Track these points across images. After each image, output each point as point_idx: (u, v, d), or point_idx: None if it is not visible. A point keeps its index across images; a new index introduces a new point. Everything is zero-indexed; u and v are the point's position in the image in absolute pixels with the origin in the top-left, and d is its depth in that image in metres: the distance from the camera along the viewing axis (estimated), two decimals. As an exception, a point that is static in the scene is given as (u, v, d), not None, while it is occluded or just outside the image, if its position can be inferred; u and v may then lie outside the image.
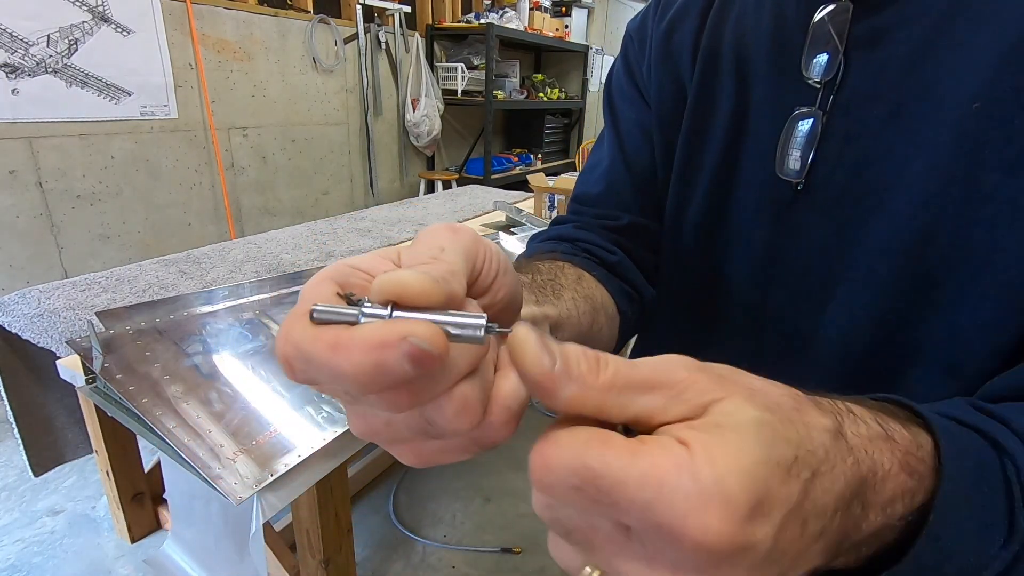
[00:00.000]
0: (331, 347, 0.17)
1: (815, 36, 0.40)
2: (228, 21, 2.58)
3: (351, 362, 0.16)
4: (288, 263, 1.58)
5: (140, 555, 1.47)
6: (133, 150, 2.33)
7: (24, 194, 2.06)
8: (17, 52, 1.94)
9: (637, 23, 0.54)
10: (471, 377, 0.19)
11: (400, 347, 0.16)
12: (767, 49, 0.43)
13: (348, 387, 0.17)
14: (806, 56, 0.40)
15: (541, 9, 4.60)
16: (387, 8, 3.38)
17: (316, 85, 3.09)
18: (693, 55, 0.48)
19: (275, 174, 2.99)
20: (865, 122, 0.39)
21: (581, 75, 5.27)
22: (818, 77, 0.40)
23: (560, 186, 2.24)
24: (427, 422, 0.19)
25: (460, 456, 0.21)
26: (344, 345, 0.16)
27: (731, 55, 0.45)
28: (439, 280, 0.18)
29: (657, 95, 0.51)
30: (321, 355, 0.17)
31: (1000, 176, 0.33)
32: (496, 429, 0.20)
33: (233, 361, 1.04)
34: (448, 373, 0.18)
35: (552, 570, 1.58)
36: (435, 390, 0.18)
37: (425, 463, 0.22)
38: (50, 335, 1.13)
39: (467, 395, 0.19)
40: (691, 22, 0.48)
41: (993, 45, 0.33)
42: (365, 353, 0.16)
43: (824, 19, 0.39)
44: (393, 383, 0.17)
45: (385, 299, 0.18)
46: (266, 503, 0.83)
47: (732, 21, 0.46)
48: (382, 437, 0.21)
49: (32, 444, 1.31)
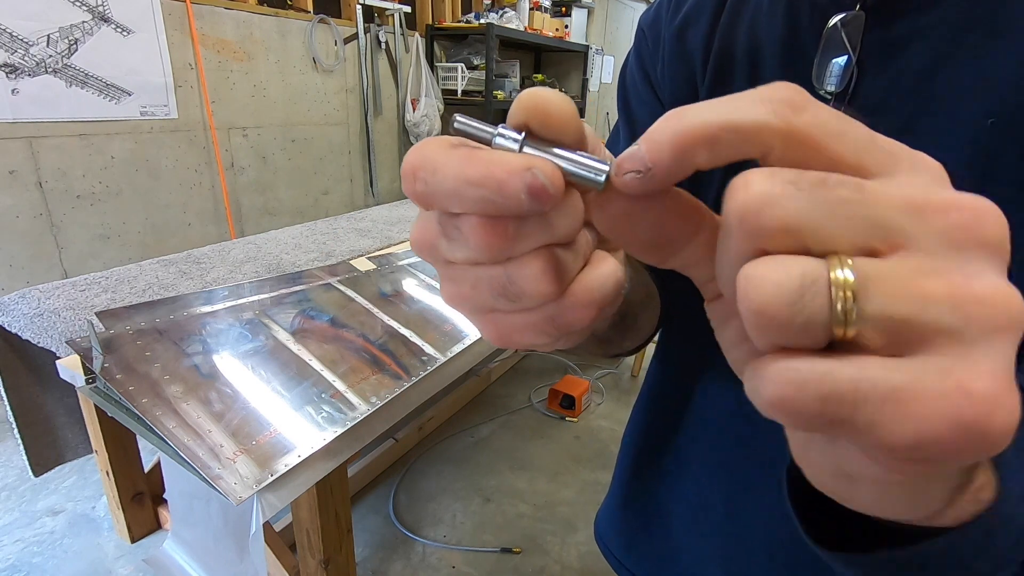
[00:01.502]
0: (464, 158, 0.17)
1: (828, 45, 0.39)
2: (228, 21, 2.58)
3: (478, 174, 0.17)
4: (288, 263, 1.58)
5: (140, 555, 1.47)
6: (133, 150, 2.33)
7: (24, 194, 2.06)
8: (17, 52, 1.94)
9: (650, 19, 0.52)
10: (562, 247, 0.19)
11: (523, 176, 0.16)
12: (780, 55, 0.42)
13: (461, 202, 0.17)
14: (818, 65, 0.39)
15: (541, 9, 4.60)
16: (387, 8, 3.38)
17: (316, 85, 3.09)
18: (705, 56, 0.47)
19: (275, 174, 2.98)
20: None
21: (581, 75, 5.27)
22: (831, 87, 0.39)
23: (560, 186, 2.24)
24: (509, 281, 0.19)
25: (539, 337, 0.20)
26: (474, 160, 0.17)
27: (744, 59, 0.44)
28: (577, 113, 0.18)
29: (671, 95, 0.50)
30: (451, 164, 0.17)
31: (1013, 193, 0.32)
32: (573, 309, 0.19)
33: (233, 361, 1.04)
34: (545, 229, 0.18)
35: (552, 570, 1.58)
36: (528, 243, 0.18)
37: (505, 339, 0.21)
38: (50, 335, 1.13)
39: (553, 259, 0.19)
40: (704, 21, 0.47)
41: (1010, 59, 0.32)
42: (492, 171, 0.17)
43: (837, 27, 0.38)
44: (505, 210, 0.17)
45: (525, 117, 0.18)
46: (266, 503, 0.83)
47: (746, 23, 0.45)
48: (468, 303, 0.20)
49: (32, 444, 1.31)
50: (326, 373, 1.07)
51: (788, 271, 0.14)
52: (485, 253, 0.18)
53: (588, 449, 2.09)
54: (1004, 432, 0.13)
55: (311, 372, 1.07)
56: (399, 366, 1.15)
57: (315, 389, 1.03)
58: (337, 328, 1.21)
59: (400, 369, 1.14)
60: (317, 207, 3.28)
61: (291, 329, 1.16)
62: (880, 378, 0.13)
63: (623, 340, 0.43)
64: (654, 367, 0.57)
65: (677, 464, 0.54)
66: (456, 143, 0.18)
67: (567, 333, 0.20)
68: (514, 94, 4.27)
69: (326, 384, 1.05)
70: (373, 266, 1.51)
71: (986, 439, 0.13)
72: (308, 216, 3.13)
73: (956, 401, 0.13)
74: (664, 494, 0.55)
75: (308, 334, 1.16)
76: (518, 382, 2.52)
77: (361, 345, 1.18)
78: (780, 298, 0.13)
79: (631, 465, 0.60)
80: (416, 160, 0.18)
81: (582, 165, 0.18)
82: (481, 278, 0.19)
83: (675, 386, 0.53)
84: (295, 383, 1.03)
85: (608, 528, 0.63)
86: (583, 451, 2.08)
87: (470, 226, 0.18)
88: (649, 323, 0.45)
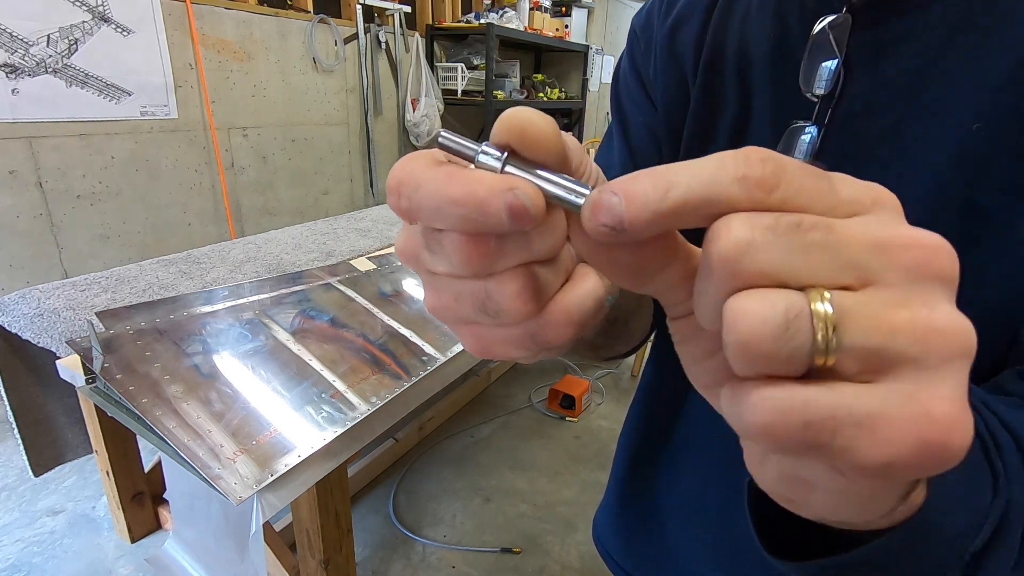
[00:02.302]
0: (447, 176, 0.17)
1: (815, 47, 0.39)
2: (228, 21, 2.58)
3: (460, 193, 0.17)
4: (288, 263, 1.58)
5: (140, 555, 1.47)
6: (133, 150, 2.33)
7: (24, 194, 2.06)
8: (17, 52, 1.94)
9: (642, 20, 0.52)
10: (543, 265, 0.19)
11: (504, 196, 0.17)
12: (769, 57, 0.42)
13: (442, 219, 0.18)
14: (804, 68, 0.39)
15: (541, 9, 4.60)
16: (387, 8, 3.38)
17: (316, 85, 3.09)
18: (696, 56, 0.47)
19: (275, 174, 2.99)
20: (863, 138, 0.38)
21: (581, 75, 5.27)
22: (817, 90, 0.39)
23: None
24: (488, 298, 0.19)
25: (518, 351, 0.21)
26: (457, 178, 0.17)
27: (735, 59, 0.44)
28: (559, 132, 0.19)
29: (663, 97, 0.50)
30: (434, 182, 0.17)
31: (998, 198, 0.32)
32: (552, 328, 0.20)
33: (233, 361, 1.04)
34: (525, 248, 0.18)
35: (552, 570, 1.58)
36: (508, 260, 0.18)
37: (485, 351, 0.21)
38: (50, 335, 1.13)
39: (531, 278, 0.19)
40: (696, 21, 0.47)
41: (1000, 61, 0.32)
42: (474, 190, 0.17)
43: (825, 30, 0.38)
44: (486, 228, 0.17)
45: (506, 138, 0.18)
46: (266, 503, 0.83)
47: (737, 23, 0.44)
48: (449, 314, 0.21)
49: (32, 444, 1.31)
50: (326, 373, 1.07)
51: (773, 305, 0.14)
52: (466, 268, 0.19)
53: (588, 449, 2.09)
54: (961, 449, 0.14)
55: (311, 372, 1.07)
56: (399, 366, 1.15)
57: (315, 389, 1.03)
58: (337, 328, 1.21)
59: (400, 369, 1.14)
60: (317, 207, 3.28)
61: (291, 329, 1.16)
62: (855, 405, 0.14)
63: (615, 344, 0.43)
64: (649, 369, 0.57)
65: (672, 465, 0.54)
66: (441, 159, 0.19)
67: (547, 348, 0.21)
68: (514, 94, 4.28)
69: (326, 384, 1.05)
70: (373, 266, 1.51)
71: (945, 456, 0.14)
72: (308, 216, 3.13)
73: (922, 424, 0.14)
74: (660, 495, 0.56)
75: (308, 334, 1.16)
76: (518, 382, 2.52)
77: (361, 345, 1.18)
78: (766, 330, 0.14)
79: (627, 466, 0.60)
80: (400, 176, 0.18)
81: (562, 188, 0.18)
82: (463, 291, 0.20)
83: (669, 388, 0.53)
84: (295, 383, 1.03)
85: (606, 530, 0.63)
86: (583, 451, 2.08)
87: (452, 242, 0.18)
88: (641, 328, 0.45)
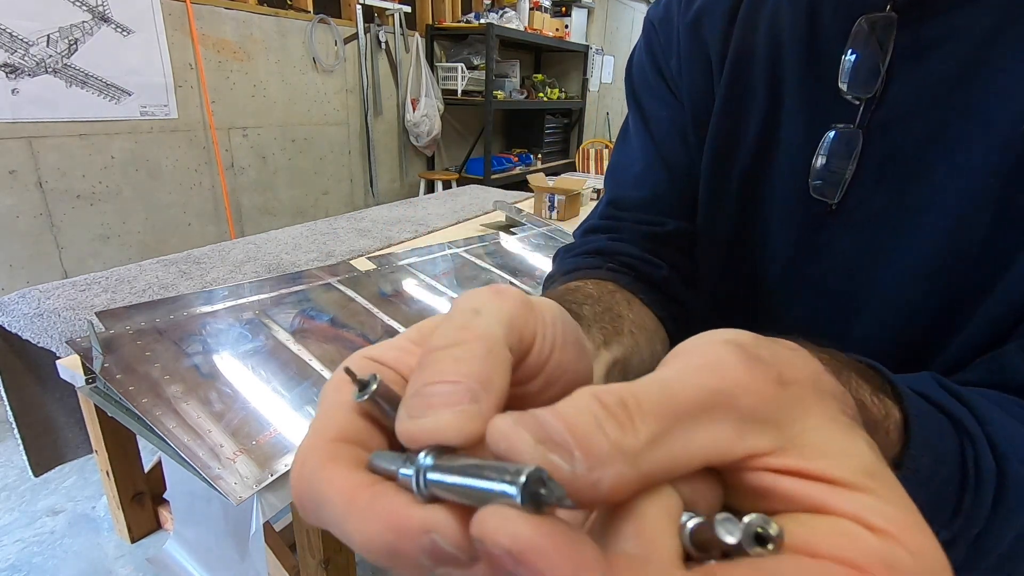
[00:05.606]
0: (347, 503, 0.14)
1: (855, 47, 0.37)
2: (228, 21, 2.58)
3: (363, 533, 0.14)
4: (288, 263, 1.58)
5: (140, 555, 1.47)
6: (133, 150, 2.33)
7: (24, 194, 2.06)
8: (17, 52, 1.94)
9: (661, 13, 0.50)
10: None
11: (420, 540, 0.13)
12: (802, 56, 0.40)
13: (363, 553, 0.15)
14: (844, 69, 0.37)
15: (541, 9, 4.60)
16: (387, 8, 3.38)
17: (316, 85, 3.09)
18: (723, 51, 0.45)
19: (275, 174, 2.99)
20: (905, 142, 0.36)
21: (581, 75, 5.27)
22: (858, 93, 0.37)
23: (560, 186, 2.24)
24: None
25: None
26: (361, 510, 0.14)
27: (764, 57, 0.42)
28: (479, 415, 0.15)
29: (689, 92, 0.48)
30: (335, 509, 0.14)
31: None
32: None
33: (233, 361, 1.04)
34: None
35: (552, 570, 1.57)
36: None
37: None
38: (50, 335, 1.13)
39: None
40: (720, 13, 0.45)
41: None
42: (381, 531, 0.14)
43: (864, 28, 0.36)
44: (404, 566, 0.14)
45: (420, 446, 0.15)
46: (266, 503, 0.83)
47: (767, 18, 0.42)
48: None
49: (32, 444, 1.31)
50: (326, 373, 1.07)
51: None
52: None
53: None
54: None
55: (311, 372, 1.07)
56: (399, 366, 1.15)
57: (315, 389, 1.03)
58: (337, 328, 1.21)
59: (400, 369, 1.14)
60: (317, 207, 3.28)
61: (291, 329, 1.16)
62: None
63: None
64: None
65: None
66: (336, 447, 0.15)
67: None
68: (514, 94, 4.27)
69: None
70: (373, 266, 1.51)
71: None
72: (308, 216, 3.13)
73: None
74: None
75: (308, 334, 1.16)
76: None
77: (361, 345, 1.18)
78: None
79: None
80: (299, 488, 0.15)
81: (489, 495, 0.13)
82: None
83: None
84: (295, 383, 1.03)
85: None
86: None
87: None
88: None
